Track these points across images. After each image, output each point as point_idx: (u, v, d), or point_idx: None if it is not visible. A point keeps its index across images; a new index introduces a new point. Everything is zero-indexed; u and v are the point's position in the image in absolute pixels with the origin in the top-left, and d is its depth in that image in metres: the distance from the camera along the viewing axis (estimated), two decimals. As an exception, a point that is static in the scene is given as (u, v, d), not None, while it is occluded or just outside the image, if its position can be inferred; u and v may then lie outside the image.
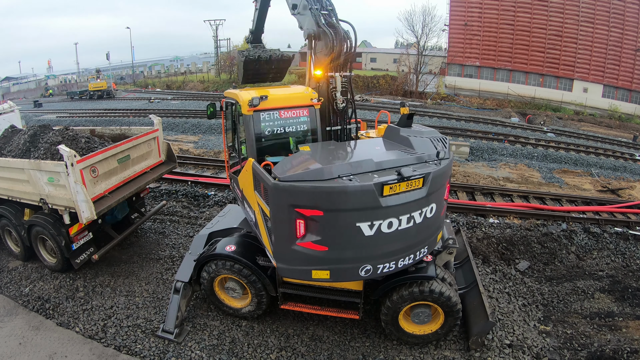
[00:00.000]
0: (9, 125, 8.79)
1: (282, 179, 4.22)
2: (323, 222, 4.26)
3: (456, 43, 38.78)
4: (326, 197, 4.18)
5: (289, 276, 5.00)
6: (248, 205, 5.70)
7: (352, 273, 4.61)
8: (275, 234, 4.59)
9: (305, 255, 4.45)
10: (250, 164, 5.08)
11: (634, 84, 32.69)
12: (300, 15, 5.89)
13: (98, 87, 38.64)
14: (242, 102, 5.31)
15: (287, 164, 4.60)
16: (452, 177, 12.54)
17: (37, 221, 6.92)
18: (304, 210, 4.24)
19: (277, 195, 4.31)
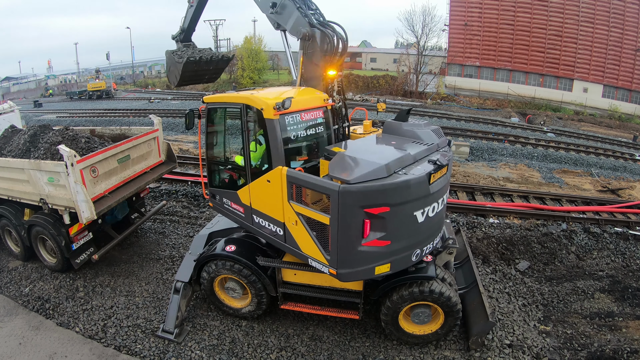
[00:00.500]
0: (9, 125, 8.79)
1: (352, 181, 4.20)
2: (389, 217, 4.40)
3: (456, 43, 38.78)
4: (393, 193, 4.36)
5: (351, 279, 4.79)
6: (267, 219, 5.29)
7: (406, 260, 4.86)
8: (340, 240, 4.44)
9: (369, 254, 4.53)
10: (282, 173, 4.77)
11: (634, 84, 32.68)
12: (278, 15, 5.79)
13: (97, 87, 38.63)
14: (267, 106, 4.85)
15: (340, 166, 4.47)
16: (452, 177, 12.55)
17: (37, 221, 6.92)
18: (372, 210, 4.31)
19: (347, 199, 4.24)
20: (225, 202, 6.01)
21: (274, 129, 4.88)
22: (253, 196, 5.41)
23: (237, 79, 46.74)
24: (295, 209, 4.78)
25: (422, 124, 5.61)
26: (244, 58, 46.19)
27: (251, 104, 5.15)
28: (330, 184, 4.30)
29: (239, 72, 46.78)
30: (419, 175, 4.45)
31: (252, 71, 46.14)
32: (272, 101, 4.86)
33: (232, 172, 5.96)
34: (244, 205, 5.61)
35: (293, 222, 4.90)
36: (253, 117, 5.26)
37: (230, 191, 5.85)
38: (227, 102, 5.66)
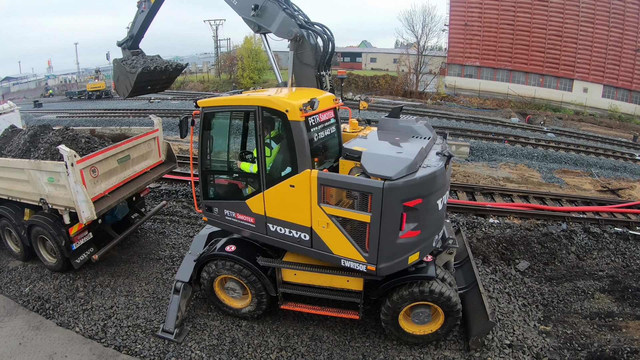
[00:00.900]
0: (9, 125, 8.80)
1: (395, 178, 4.38)
2: (421, 208, 4.65)
3: (456, 43, 38.77)
4: (426, 185, 4.61)
5: (389, 272, 4.91)
6: (288, 226, 5.14)
7: (430, 246, 5.19)
8: (383, 235, 4.59)
9: (404, 245, 4.75)
10: (311, 176, 4.69)
11: (634, 84, 32.68)
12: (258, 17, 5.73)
13: (96, 87, 38.61)
14: (292, 107, 4.67)
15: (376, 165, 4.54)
16: (452, 177, 12.55)
17: (37, 221, 6.92)
18: (409, 202, 4.52)
19: (391, 195, 4.40)
20: (227, 214, 5.68)
21: (301, 131, 4.70)
22: (269, 204, 5.19)
23: (237, 79, 46.72)
24: (328, 211, 4.76)
25: (414, 120, 5.81)
26: (244, 58, 46.16)
27: (272, 106, 4.88)
28: (373, 182, 4.40)
29: (239, 72, 46.75)
30: (440, 166, 4.76)
31: (252, 71, 46.10)
32: (297, 102, 4.71)
33: (236, 182, 5.68)
34: (256, 214, 5.36)
35: (323, 225, 4.85)
36: (273, 119, 5.06)
37: (235, 202, 5.58)
38: (233, 104, 5.41)
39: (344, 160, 5.01)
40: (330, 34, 5.82)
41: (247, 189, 5.53)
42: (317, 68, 5.78)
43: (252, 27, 5.98)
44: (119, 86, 7.33)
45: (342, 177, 4.74)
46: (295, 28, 5.58)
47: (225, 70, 50.91)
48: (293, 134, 4.74)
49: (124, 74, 7.10)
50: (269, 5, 5.66)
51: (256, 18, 5.75)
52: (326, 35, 5.77)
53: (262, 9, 5.66)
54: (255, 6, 5.66)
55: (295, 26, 5.59)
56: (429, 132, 5.54)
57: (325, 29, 5.83)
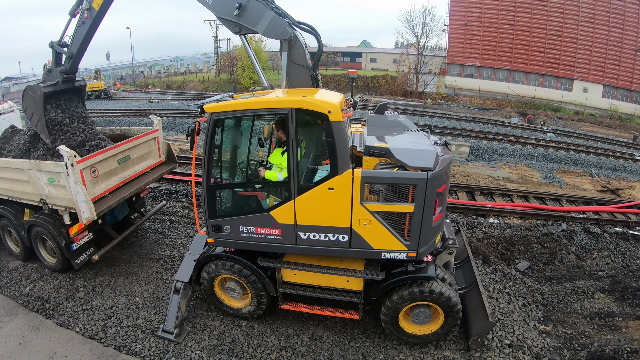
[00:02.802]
0: (9, 125, 8.79)
1: (434, 168, 4.70)
2: (445, 192, 5.05)
3: (456, 43, 38.78)
4: (448, 171, 5.06)
5: (425, 255, 5.17)
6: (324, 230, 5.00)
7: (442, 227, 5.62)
8: (423, 222, 4.88)
9: (435, 228, 5.14)
10: (354, 175, 4.68)
11: (634, 84, 32.69)
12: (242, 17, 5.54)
13: (95, 88, 38.53)
14: (334, 108, 4.55)
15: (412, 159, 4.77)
16: (452, 177, 12.55)
17: (37, 221, 6.92)
18: (440, 189, 4.83)
19: (433, 184, 4.70)
20: (243, 230, 5.24)
21: (342, 131, 4.61)
22: (300, 212, 4.95)
23: (237, 79, 46.73)
24: (371, 208, 4.85)
25: (398, 115, 6.03)
26: (243, 58, 46.15)
27: (311, 107, 4.64)
28: (417, 174, 4.66)
29: (239, 72, 46.76)
30: (450, 155, 5.26)
31: (252, 71, 46.07)
32: (337, 103, 4.67)
33: (256, 193, 5.33)
34: (283, 225, 5.06)
35: (365, 222, 4.90)
36: (308, 122, 4.86)
37: (255, 215, 5.20)
38: (255, 108, 5.00)
39: (368, 157, 5.00)
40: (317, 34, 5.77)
41: (268, 200, 5.23)
42: (313, 68, 5.75)
43: (232, 27, 5.64)
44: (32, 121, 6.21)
45: (385, 173, 4.84)
46: (289, 28, 5.52)
47: (225, 70, 50.94)
48: (335, 135, 4.58)
49: (31, 101, 5.94)
50: (253, 5, 5.45)
51: (238, 18, 5.49)
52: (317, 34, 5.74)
53: (245, 9, 5.44)
54: (239, 5, 5.39)
55: (287, 26, 5.52)
56: (413, 125, 5.89)
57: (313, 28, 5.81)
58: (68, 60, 6.10)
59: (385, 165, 5.02)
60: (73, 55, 6.09)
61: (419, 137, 5.48)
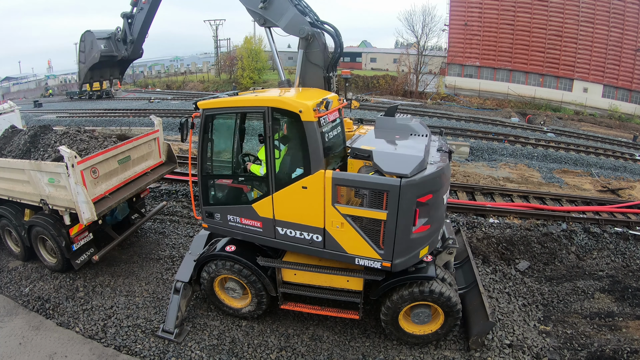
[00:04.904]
0: (9, 125, 8.79)
1: (411, 175, 4.47)
2: (431, 203, 4.77)
3: (456, 43, 38.78)
4: (436, 181, 4.74)
5: (403, 267, 4.97)
6: (299, 228, 5.10)
7: (436, 240, 5.33)
8: (398, 232, 4.68)
9: (417, 240, 4.85)
10: (325, 176, 4.68)
11: (634, 84, 32.68)
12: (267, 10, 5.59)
13: (96, 87, 38.60)
14: (306, 108, 4.62)
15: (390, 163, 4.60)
16: (452, 177, 12.55)
17: (37, 222, 6.92)
18: (422, 198, 4.64)
19: (408, 192, 4.50)
20: (231, 219, 5.55)
21: (315, 132, 4.65)
22: (278, 207, 5.11)
23: (237, 79, 46.73)
24: (342, 211, 4.77)
25: (409, 118, 5.85)
26: (244, 58, 46.17)
27: (284, 107, 4.78)
28: (390, 180, 4.47)
29: (239, 72, 46.76)
30: (446, 162, 4.96)
31: (252, 71, 46.12)
32: (310, 103, 4.67)
33: (242, 185, 5.60)
34: (263, 218, 5.26)
35: (337, 225, 4.86)
36: (284, 120, 4.97)
37: (239, 206, 5.47)
38: (239, 106, 5.27)
39: (353, 160, 5.00)
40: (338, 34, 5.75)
41: (253, 193, 5.43)
42: (326, 69, 5.72)
43: (258, 19, 5.82)
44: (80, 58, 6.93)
45: (357, 176, 4.76)
46: (307, 26, 5.47)
47: (225, 70, 50.94)
48: (307, 134, 4.67)
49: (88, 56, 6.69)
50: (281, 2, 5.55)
51: (263, 11, 5.59)
52: (337, 35, 5.70)
53: (270, 2, 5.52)
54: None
55: (307, 24, 5.49)
56: (424, 129, 5.60)
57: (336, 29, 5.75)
58: (130, 44, 6.27)
59: (368, 168, 4.92)
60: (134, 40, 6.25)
61: (418, 143, 5.13)
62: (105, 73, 7.08)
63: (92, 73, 6.85)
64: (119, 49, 6.55)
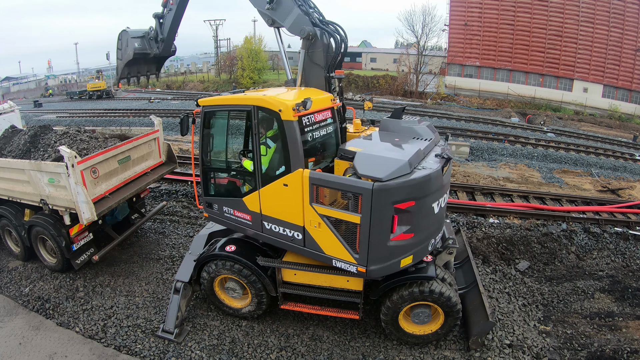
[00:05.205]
0: (9, 125, 8.80)
1: (385, 179, 4.32)
2: (414, 211, 4.60)
3: (456, 43, 38.77)
4: (419, 187, 4.55)
5: (380, 275, 4.91)
6: (282, 224, 5.18)
7: (425, 250, 5.10)
8: (372, 237, 4.55)
9: (396, 248, 4.70)
10: (303, 175, 4.72)
11: (634, 84, 32.68)
12: (273, 11, 5.67)
13: (96, 87, 38.63)
14: (285, 107, 4.69)
15: (368, 166, 4.50)
16: (452, 177, 12.55)
17: (37, 222, 6.92)
18: (401, 205, 4.47)
19: (380, 196, 4.35)
20: (226, 210, 5.76)
21: (294, 131, 4.72)
22: (264, 202, 5.24)
23: (237, 79, 46.74)
24: (319, 211, 4.77)
25: (416, 121, 5.73)
26: (244, 58, 46.19)
27: (266, 106, 4.91)
28: (363, 183, 4.37)
29: (239, 72, 46.79)
30: (436, 169, 4.69)
31: (252, 71, 46.14)
32: (290, 102, 4.71)
33: (235, 179, 5.79)
34: (252, 212, 5.41)
35: (315, 224, 4.87)
36: (267, 119, 5.05)
37: (232, 199, 5.64)
38: (231, 104, 5.48)
39: (339, 161, 5.02)
40: (343, 35, 5.69)
41: (244, 187, 5.55)
42: (327, 69, 5.71)
43: (266, 20, 5.89)
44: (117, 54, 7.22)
45: (333, 177, 4.72)
46: (308, 26, 5.50)
47: (225, 70, 50.96)
48: (286, 133, 4.77)
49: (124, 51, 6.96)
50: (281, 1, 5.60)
51: (270, 11, 5.69)
52: (339, 35, 5.63)
53: (277, 3, 5.60)
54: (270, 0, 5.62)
55: (308, 24, 5.51)
56: (430, 133, 5.48)
57: (338, 29, 5.70)
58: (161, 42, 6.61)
59: (351, 169, 4.85)
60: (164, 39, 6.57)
61: (413, 147, 5.01)
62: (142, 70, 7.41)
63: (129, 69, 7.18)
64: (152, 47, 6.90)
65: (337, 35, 5.65)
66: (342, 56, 5.75)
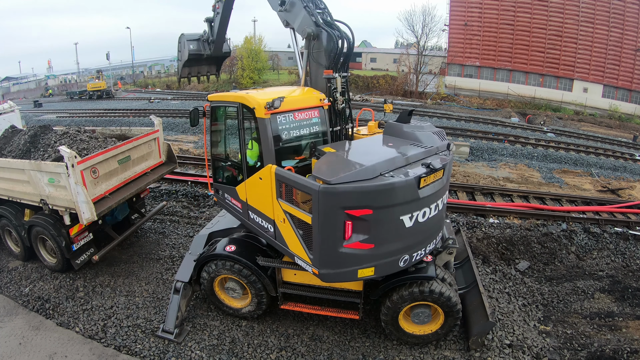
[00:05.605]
0: (9, 125, 8.80)
1: (333, 182, 4.16)
2: (372, 220, 4.32)
3: (456, 43, 38.78)
4: (377, 195, 4.26)
5: (333, 280, 4.81)
6: (259, 215, 5.39)
7: (393, 265, 4.74)
8: (322, 240, 4.45)
9: (352, 256, 4.46)
10: (271, 171, 4.84)
11: (634, 84, 32.68)
12: (286, 12, 5.78)
13: (96, 87, 38.63)
14: (257, 105, 4.94)
15: (325, 166, 4.45)
16: (452, 177, 12.56)
17: (37, 222, 6.92)
18: (354, 211, 4.25)
19: (327, 199, 4.21)
20: (226, 197, 6.15)
21: (265, 127, 4.97)
22: (249, 193, 5.52)
23: (237, 78, 46.74)
24: (283, 207, 4.86)
25: (424, 126, 5.53)
26: (244, 58, 46.19)
27: (245, 103, 5.23)
28: (312, 184, 4.28)
29: (239, 72, 46.79)
30: (405, 178, 4.33)
31: (252, 71, 46.14)
32: (263, 100, 4.91)
33: (232, 169, 6.10)
34: (242, 201, 5.70)
35: (281, 219, 4.99)
36: (248, 115, 5.33)
37: (230, 187, 5.96)
38: (227, 100, 5.76)
39: (315, 160, 5.05)
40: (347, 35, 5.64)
41: (238, 177, 5.84)
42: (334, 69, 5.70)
43: (282, 21, 6.05)
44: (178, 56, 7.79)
45: (292, 175, 4.67)
46: (309, 27, 5.56)
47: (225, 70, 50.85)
48: (259, 129, 5.05)
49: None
50: (294, 2, 5.69)
51: (284, 13, 5.84)
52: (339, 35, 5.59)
53: (290, 4, 5.73)
54: (282, 1, 5.76)
55: (311, 25, 5.56)
56: (435, 141, 5.22)
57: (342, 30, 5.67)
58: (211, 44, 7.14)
59: None
60: (214, 41, 7.10)
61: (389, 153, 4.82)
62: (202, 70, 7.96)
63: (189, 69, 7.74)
64: (205, 48, 7.47)
65: (341, 36, 5.62)
66: (347, 57, 5.69)
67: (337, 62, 5.66)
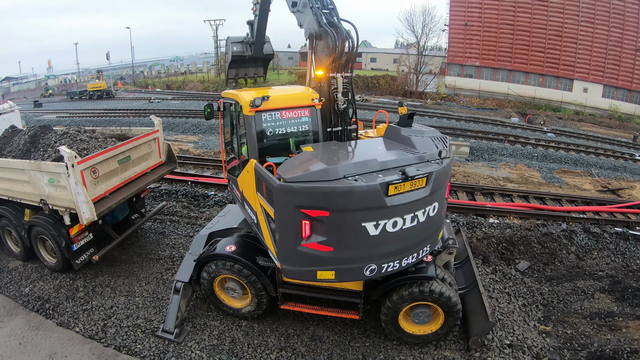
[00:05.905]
0: (9, 125, 8.79)
1: (288, 180, 4.22)
2: (329, 222, 4.26)
3: (456, 43, 38.76)
4: (333, 198, 4.17)
5: (294, 277, 4.87)
6: (249, 206, 5.65)
7: (357, 273, 4.62)
8: (280, 236, 4.57)
9: (310, 256, 4.45)
10: (252, 165, 5.05)
11: (634, 84, 32.66)
12: (299, 13, 5.84)
13: (97, 87, 38.64)
14: (244, 103, 5.23)
15: (291, 164, 4.59)
16: (452, 177, 12.55)
17: (37, 222, 6.92)
18: (310, 211, 4.24)
19: (282, 196, 4.31)
20: (232, 186, 6.49)
21: (250, 124, 5.20)
22: (242, 185, 5.72)
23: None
24: (259, 200, 5.03)
25: (424, 131, 5.36)
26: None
27: (238, 100, 5.50)
28: (271, 180, 4.42)
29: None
30: (367, 184, 4.14)
31: (252, 71, 46.01)
32: (247, 99, 5.16)
33: (235, 161, 6.30)
34: (240, 191, 5.93)
35: (260, 212, 5.19)
36: (238, 112, 5.65)
37: (234, 178, 6.19)
38: (228, 97, 6.05)
39: None
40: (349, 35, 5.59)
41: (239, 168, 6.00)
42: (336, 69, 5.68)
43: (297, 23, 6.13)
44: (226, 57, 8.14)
45: (262, 170, 4.72)
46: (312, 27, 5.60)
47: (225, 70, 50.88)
48: (245, 125, 5.32)
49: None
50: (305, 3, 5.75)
51: (298, 14, 5.95)
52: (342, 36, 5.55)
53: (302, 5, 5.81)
54: (294, 3, 5.90)
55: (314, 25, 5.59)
56: (431, 147, 4.98)
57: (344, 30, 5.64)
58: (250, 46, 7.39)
59: None
60: (254, 42, 7.27)
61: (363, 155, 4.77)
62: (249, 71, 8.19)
63: (236, 71, 8.15)
64: (247, 50, 7.71)
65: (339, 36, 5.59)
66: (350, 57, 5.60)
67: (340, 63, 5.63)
